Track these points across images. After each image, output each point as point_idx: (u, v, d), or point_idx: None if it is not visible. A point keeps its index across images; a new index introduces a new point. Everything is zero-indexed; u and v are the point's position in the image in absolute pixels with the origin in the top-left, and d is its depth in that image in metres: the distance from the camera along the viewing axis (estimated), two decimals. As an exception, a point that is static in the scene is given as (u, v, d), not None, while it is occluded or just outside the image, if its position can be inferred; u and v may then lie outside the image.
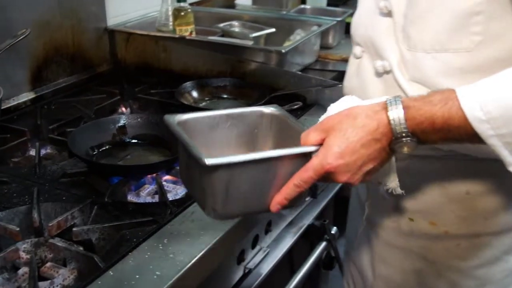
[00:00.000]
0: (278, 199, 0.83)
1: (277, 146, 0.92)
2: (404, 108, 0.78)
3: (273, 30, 1.89)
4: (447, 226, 1.00)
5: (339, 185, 1.57)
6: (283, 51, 1.62)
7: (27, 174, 1.22)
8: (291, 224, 1.41)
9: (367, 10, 0.99)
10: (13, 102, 1.56)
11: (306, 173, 0.80)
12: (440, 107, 0.76)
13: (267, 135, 0.94)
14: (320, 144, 0.81)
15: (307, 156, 0.81)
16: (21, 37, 1.39)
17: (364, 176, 0.81)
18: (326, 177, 0.81)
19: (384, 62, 0.95)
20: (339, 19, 1.94)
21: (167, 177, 1.23)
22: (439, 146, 0.91)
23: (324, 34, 1.91)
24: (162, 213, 1.07)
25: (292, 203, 0.84)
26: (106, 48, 1.85)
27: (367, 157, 0.79)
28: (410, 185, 0.98)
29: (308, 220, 1.47)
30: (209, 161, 0.76)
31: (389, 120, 0.78)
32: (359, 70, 1.01)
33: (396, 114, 0.78)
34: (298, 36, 1.83)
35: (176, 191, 1.19)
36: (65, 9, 1.67)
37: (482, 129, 0.74)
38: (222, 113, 0.93)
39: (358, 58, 1.02)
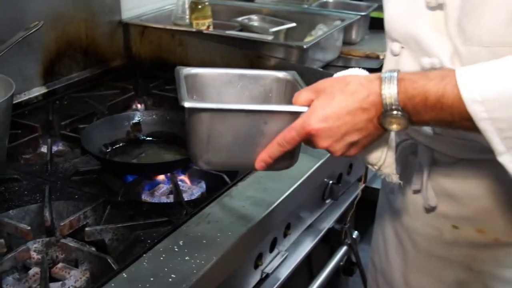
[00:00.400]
0: (262, 156, 0.82)
1: None
2: (398, 80, 0.73)
3: (294, 24, 1.84)
4: (497, 233, 0.94)
5: (361, 188, 1.52)
6: (304, 46, 1.57)
7: (39, 171, 1.18)
8: (310, 227, 1.37)
9: (406, 4, 0.92)
10: (24, 97, 1.52)
11: (289, 133, 0.78)
12: (435, 83, 0.72)
13: (280, 100, 0.92)
14: (310, 105, 0.78)
15: (295, 116, 0.79)
16: (34, 30, 1.35)
17: (347, 147, 0.78)
18: (309, 141, 0.79)
19: (433, 59, 0.88)
20: (363, 13, 1.88)
21: (183, 176, 1.19)
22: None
23: (347, 29, 1.85)
24: (178, 213, 1.04)
25: (279, 164, 0.84)
26: (120, 42, 1.81)
27: (352, 126, 0.76)
28: (454, 190, 0.93)
29: (328, 223, 1.42)
30: (188, 103, 0.78)
31: (380, 90, 0.74)
32: (399, 67, 0.95)
33: (389, 84, 0.73)
34: (320, 31, 1.78)
35: (191, 191, 1.15)
36: (78, 1, 1.63)
37: (475, 110, 0.69)
38: (235, 72, 0.93)
39: (396, 55, 0.95)
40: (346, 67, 1.73)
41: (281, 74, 0.92)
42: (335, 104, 0.75)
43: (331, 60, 1.78)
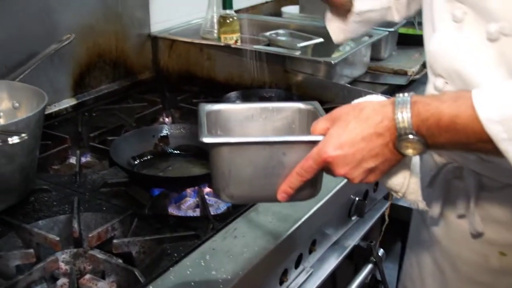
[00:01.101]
0: (283, 188, 0.82)
1: None
2: (411, 103, 0.72)
3: (321, 40, 1.83)
4: None
5: (387, 205, 1.50)
6: (332, 62, 1.57)
7: (67, 182, 1.19)
8: (336, 244, 1.36)
9: (454, 38, 0.89)
10: (54, 108, 1.54)
11: (307, 162, 0.78)
12: (449, 104, 0.71)
13: (303, 131, 0.92)
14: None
15: (313, 145, 0.79)
16: (66, 43, 1.39)
17: (366, 174, 0.77)
18: (327, 169, 0.79)
19: None
20: (391, 29, 1.87)
21: (209, 190, 1.19)
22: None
23: (375, 45, 1.84)
24: (204, 227, 1.04)
25: (301, 194, 0.84)
26: (149, 55, 1.83)
27: (367, 152, 0.75)
28: (502, 216, 0.91)
29: (353, 240, 1.40)
30: (207, 139, 0.79)
31: (393, 114, 0.73)
32: None
33: (402, 109, 0.73)
34: (348, 46, 1.77)
35: (218, 205, 1.15)
36: (109, 14, 1.65)
37: (494, 130, 0.68)
38: (257, 105, 0.93)
39: (439, 91, 0.93)
40: (373, 83, 1.75)
41: (302, 105, 0.92)
42: (349, 131, 0.75)
43: (358, 75, 1.77)
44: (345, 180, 1.18)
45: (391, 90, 1.72)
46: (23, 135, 0.85)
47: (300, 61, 1.63)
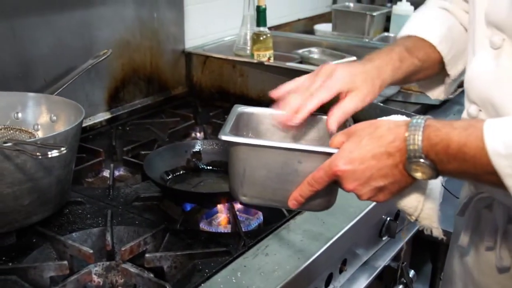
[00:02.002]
0: (294, 195, 0.83)
1: None
2: (424, 126, 0.72)
3: (354, 58, 1.83)
4: None
5: (418, 226, 1.49)
6: (365, 81, 1.56)
7: (101, 195, 1.21)
8: (366, 264, 1.34)
9: (486, 66, 0.88)
10: (89, 122, 1.57)
11: (318, 173, 0.80)
12: (459, 131, 0.70)
13: None
14: None
15: (329, 157, 0.80)
16: (103, 58, 1.41)
17: (374, 192, 0.77)
18: (337, 182, 0.80)
19: None
20: (424, 49, 1.86)
21: (240, 206, 1.19)
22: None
23: (407, 64, 1.83)
24: (236, 244, 1.04)
25: (313, 205, 0.85)
26: (182, 70, 1.85)
27: (377, 170, 0.75)
28: None
29: (384, 261, 1.39)
30: (225, 137, 0.83)
31: (406, 136, 0.73)
32: None
33: (414, 131, 0.72)
34: (380, 66, 1.77)
35: (249, 222, 1.15)
36: (145, 30, 1.68)
37: (500, 165, 0.66)
38: None
39: (472, 118, 0.91)
40: (405, 102, 1.74)
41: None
42: (361, 147, 0.75)
43: (391, 95, 1.76)
44: (377, 200, 1.19)
45: (424, 110, 1.71)
46: (62, 149, 0.87)
47: (333, 79, 1.62)
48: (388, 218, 1.36)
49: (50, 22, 1.41)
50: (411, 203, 0.81)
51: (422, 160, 0.72)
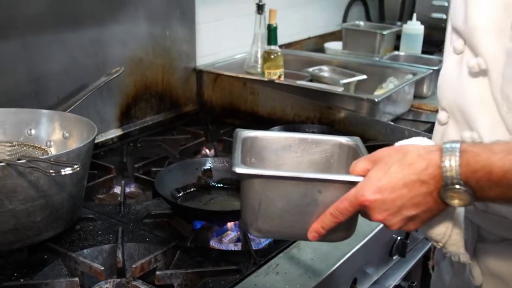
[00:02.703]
0: (314, 227, 0.79)
1: None
2: (460, 151, 0.69)
3: (365, 77, 1.84)
4: None
5: (429, 244, 1.48)
6: (376, 100, 1.57)
7: (112, 212, 1.21)
8: (376, 283, 1.34)
9: (451, 72, 0.88)
10: (101, 138, 1.58)
11: (342, 203, 0.75)
12: (501, 157, 0.67)
13: (342, 167, 0.89)
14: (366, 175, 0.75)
15: (351, 186, 0.76)
16: (115, 75, 1.43)
17: (405, 222, 0.74)
18: (363, 212, 0.76)
19: (473, 133, 0.84)
20: (435, 68, 1.86)
21: (251, 224, 1.19)
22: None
23: (418, 83, 1.84)
24: (246, 262, 1.04)
25: (334, 236, 0.81)
26: (193, 88, 1.86)
27: (408, 199, 0.72)
28: (500, 270, 0.88)
29: (394, 280, 1.38)
30: (239, 169, 0.76)
31: (441, 162, 0.70)
32: (444, 139, 0.90)
33: (450, 157, 0.69)
34: (391, 84, 1.77)
35: (259, 240, 1.15)
36: (157, 47, 1.69)
37: None
38: (296, 136, 0.91)
39: (443, 124, 0.91)
40: (416, 121, 1.74)
41: (343, 140, 0.90)
42: (391, 175, 0.72)
43: (401, 113, 1.77)
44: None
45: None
46: (75, 166, 0.88)
47: (343, 97, 1.64)
48: (399, 238, 1.36)
49: (63, 40, 1.43)
50: (439, 230, 0.78)
51: (460, 187, 0.69)
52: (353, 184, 0.76)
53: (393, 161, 0.73)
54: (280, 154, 0.90)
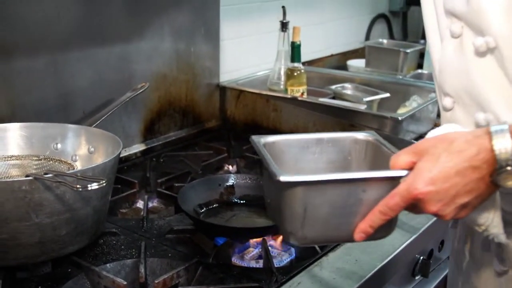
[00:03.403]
0: (362, 227, 0.77)
1: None
2: (511, 132, 0.69)
3: (388, 95, 1.84)
4: None
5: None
6: (399, 118, 1.57)
7: (135, 227, 1.22)
8: (399, 303, 1.32)
9: (452, 56, 0.87)
10: (124, 153, 1.59)
11: (393, 199, 0.74)
12: None
13: (361, 163, 0.88)
14: (411, 168, 0.74)
15: (395, 181, 0.74)
16: (140, 91, 1.44)
17: (458, 210, 0.73)
18: (415, 206, 0.74)
19: (487, 114, 0.83)
20: (458, 87, 1.85)
21: (272, 242, 1.19)
22: None
23: (441, 101, 1.83)
24: (268, 280, 1.04)
25: (379, 233, 0.78)
26: (216, 104, 1.87)
27: (462, 187, 0.71)
28: None
29: (417, 300, 1.37)
30: (284, 178, 0.74)
31: (492, 146, 0.69)
32: (453, 124, 0.88)
33: (501, 138, 0.69)
34: (414, 102, 1.77)
35: (281, 258, 1.15)
36: (182, 63, 1.71)
37: None
38: (312, 136, 0.90)
39: (449, 110, 0.91)
40: (440, 140, 1.72)
41: (360, 135, 0.89)
42: (441, 165, 0.71)
43: (425, 132, 1.75)
44: (411, 238, 1.18)
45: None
46: (102, 181, 0.89)
47: (366, 115, 1.63)
48: (422, 257, 1.34)
49: (90, 56, 1.46)
50: (484, 213, 0.78)
51: None
52: (397, 179, 0.74)
53: (441, 151, 0.72)
54: (299, 156, 0.89)
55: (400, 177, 0.74)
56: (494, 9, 0.80)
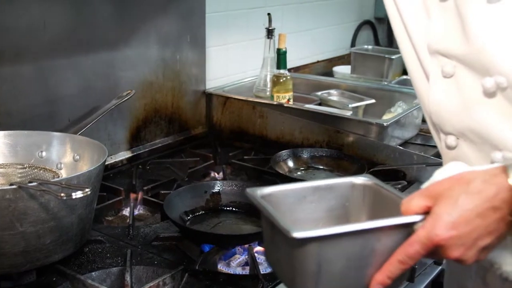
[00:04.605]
0: (379, 279, 0.72)
1: (372, 219, 0.81)
2: None
3: (373, 101, 1.85)
4: None
5: (439, 268, 1.47)
6: (385, 124, 1.58)
7: (121, 234, 1.22)
8: (385, 308, 1.32)
9: (447, 97, 0.85)
10: (110, 160, 1.59)
11: (412, 247, 0.70)
12: None
13: (360, 208, 0.85)
14: (426, 213, 0.71)
15: (409, 228, 0.72)
16: (126, 98, 1.44)
17: (479, 253, 0.71)
18: (435, 252, 0.71)
19: (505, 153, 0.80)
20: (443, 93, 1.87)
21: (259, 248, 1.19)
22: None
23: (426, 107, 1.84)
24: (254, 286, 1.04)
25: (394, 282, 0.74)
26: (203, 111, 1.87)
27: (484, 229, 0.69)
28: None
29: (403, 305, 1.37)
30: (298, 234, 0.69)
31: (510, 184, 0.68)
32: (460, 161, 0.85)
33: None
34: (399, 108, 1.78)
35: (267, 264, 1.15)
36: (168, 71, 1.71)
37: None
38: (309, 185, 0.87)
39: (452, 149, 0.88)
40: (425, 145, 1.74)
41: (357, 180, 0.85)
42: (461, 208, 0.69)
43: (410, 137, 1.77)
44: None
45: (443, 153, 1.71)
46: (86, 190, 0.89)
47: (352, 121, 1.64)
48: (407, 263, 1.35)
49: (76, 64, 1.45)
50: (499, 251, 0.76)
51: None
52: (411, 225, 0.72)
53: (459, 193, 0.70)
54: (296, 207, 0.85)
55: (415, 223, 0.72)
56: (502, 48, 0.78)
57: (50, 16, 1.38)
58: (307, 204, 0.85)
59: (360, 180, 0.85)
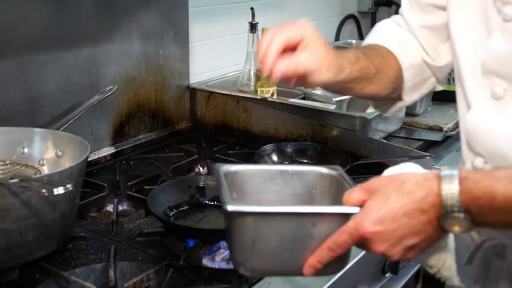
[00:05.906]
0: (311, 262, 0.76)
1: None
2: (460, 179, 0.69)
3: (356, 95, 1.85)
4: None
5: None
6: (368, 117, 1.58)
7: (104, 230, 1.21)
8: (369, 301, 1.34)
9: (489, 118, 0.85)
10: (94, 156, 1.58)
11: (341, 237, 0.74)
12: (504, 183, 0.68)
13: (325, 197, 0.88)
14: (362, 206, 0.74)
15: (346, 217, 0.75)
16: (108, 94, 1.44)
17: (405, 251, 0.73)
18: (362, 244, 0.74)
19: None
20: (426, 86, 1.88)
21: (244, 242, 1.19)
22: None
23: (409, 101, 1.85)
24: (238, 281, 1.04)
25: (329, 268, 0.78)
26: (187, 106, 1.87)
27: (409, 228, 0.71)
28: None
29: (387, 298, 1.38)
30: (231, 207, 0.74)
31: (440, 190, 0.70)
32: None
33: (449, 184, 0.69)
34: (382, 102, 1.78)
35: (252, 258, 1.15)
36: (151, 66, 1.71)
37: None
38: (276, 168, 0.91)
39: (478, 170, 0.88)
40: (408, 138, 1.75)
41: (325, 170, 0.88)
42: (390, 205, 0.71)
43: (393, 130, 1.78)
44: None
45: (426, 146, 1.72)
46: (68, 186, 0.88)
47: (335, 115, 1.65)
48: (391, 255, 1.36)
49: (57, 59, 1.44)
50: (434, 256, 0.78)
51: (460, 214, 0.69)
52: (348, 215, 0.75)
53: (391, 191, 0.72)
54: (262, 187, 0.88)
55: (351, 214, 0.75)
56: None
57: (31, 11, 1.36)
58: (273, 186, 0.88)
59: (327, 170, 0.88)
